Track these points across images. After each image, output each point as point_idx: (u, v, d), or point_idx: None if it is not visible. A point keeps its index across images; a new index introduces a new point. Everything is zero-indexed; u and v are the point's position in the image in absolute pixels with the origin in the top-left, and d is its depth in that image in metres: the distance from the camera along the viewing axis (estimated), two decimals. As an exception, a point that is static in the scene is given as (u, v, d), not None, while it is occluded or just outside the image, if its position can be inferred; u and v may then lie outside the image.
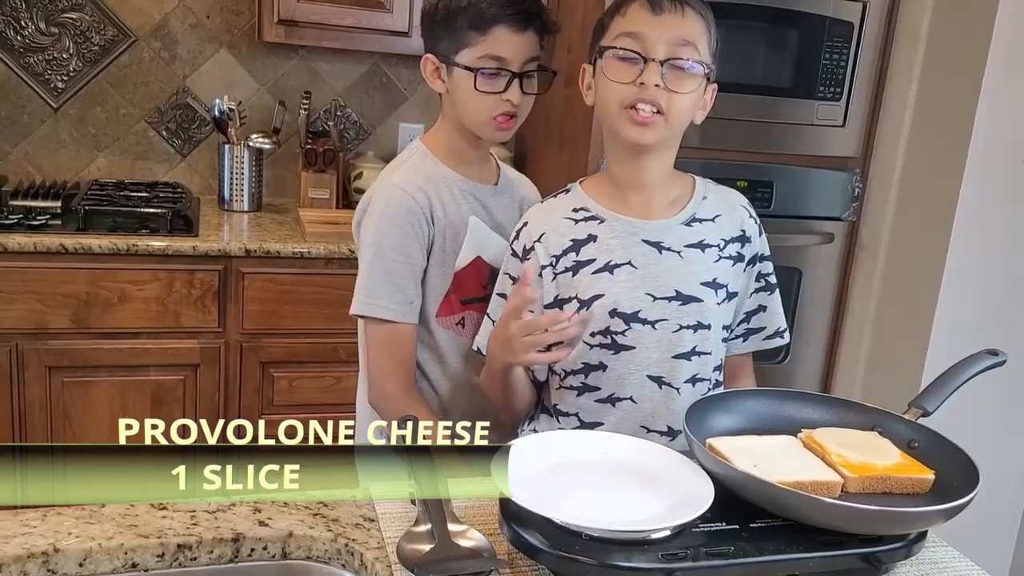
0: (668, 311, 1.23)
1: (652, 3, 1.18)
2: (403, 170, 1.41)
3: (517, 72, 1.32)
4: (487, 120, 1.34)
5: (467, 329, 1.45)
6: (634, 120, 1.17)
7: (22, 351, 2.06)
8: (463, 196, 1.42)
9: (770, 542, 0.91)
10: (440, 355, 1.44)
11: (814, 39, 2.34)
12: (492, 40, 1.31)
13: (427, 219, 1.37)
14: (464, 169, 1.43)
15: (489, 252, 1.44)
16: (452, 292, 1.42)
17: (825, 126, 2.42)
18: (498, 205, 1.46)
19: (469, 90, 1.32)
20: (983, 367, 1.18)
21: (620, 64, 1.18)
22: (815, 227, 2.50)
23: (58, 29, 2.44)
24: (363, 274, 1.38)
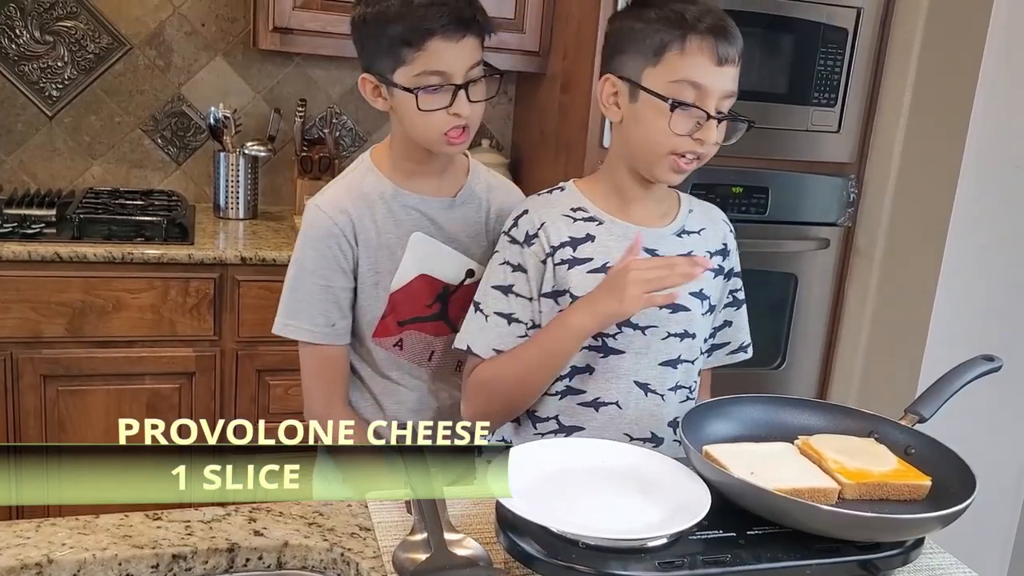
0: (658, 318, 1.24)
1: (720, 54, 1.14)
2: (333, 189, 1.36)
3: (461, 84, 1.24)
4: (437, 137, 1.27)
5: (406, 351, 1.39)
6: (678, 167, 1.18)
7: (17, 360, 2.05)
8: (405, 212, 1.35)
9: (767, 549, 0.91)
10: (381, 371, 1.40)
11: (809, 45, 2.35)
12: (428, 54, 1.22)
13: (349, 242, 1.32)
14: (414, 183, 1.35)
15: (440, 268, 1.37)
16: (388, 313, 1.37)
17: (820, 132, 2.43)
18: (453, 218, 1.38)
19: (412, 110, 1.24)
20: (979, 373, 1.18)
21: (684, 117, 1.15)
22: (810, 232, 2.51)
23: (53, 37, 2.44)
24: (284, 294, 1.35)
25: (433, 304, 1.38)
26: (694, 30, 1.14)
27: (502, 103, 2.85)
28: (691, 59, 1.14)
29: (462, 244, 1.38)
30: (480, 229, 1.40)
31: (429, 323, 1.39)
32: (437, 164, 1.36)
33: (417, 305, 1.37)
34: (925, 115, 2.34)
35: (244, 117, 2.58)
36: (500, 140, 2.86)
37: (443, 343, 1.40)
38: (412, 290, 1.36)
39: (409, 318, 1.38)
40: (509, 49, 2.49)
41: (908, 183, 2.40)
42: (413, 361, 1.40)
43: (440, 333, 1.40)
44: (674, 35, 1.14)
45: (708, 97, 1.15)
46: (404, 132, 1.32)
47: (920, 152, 2.36)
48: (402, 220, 1.35)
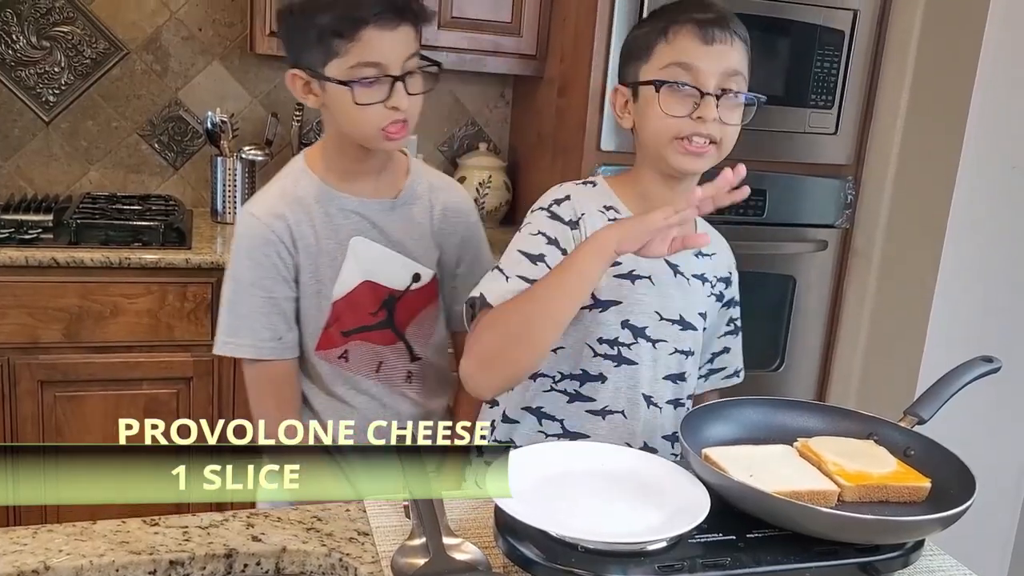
0: (669, 333, 1.25)
1: (703, 32, 1.14)
2: (266, 194, 1.29)
3: (398, 75, 1.18)
4: (375, 133, 1.21)
5: (352, 362, 1.32)
6: (687, 150, 1.16)
7: (14, 366, 2.05)
8: (344, 216, 1.28)
9: (767, 552, 0.90)
10: (325, 387, 1.33)
11: (805, 47, 2.35)
12: (362, 45, 1.15)
13: (288, 248, 1.25)
14: (351, 185, 1.29)
15: (384, 273, 1.31)
16: (332, 323, 1.30)
17: (817, 134, 2.43)
18: (395, 221, 1.31)
19: (348, 105, 1.18)
20: (978, 374, 1.18)
21: (674, 97, 1.15)
22: (808, 234, 2.51)
23: (49, 43, 2.44)
24: (223, 311, 1.28)
25: (379, 312, 1.32)
26: (678, 20, 1.16)
27: (499, 106, 2.85)
28: (678, 43, 1.16)
29: (406, 247, 1.32)
30: (425, 231, 1.34)
31: (375, 332, 1.33)
32: (374, 163, 1.30)
33: (362, 313, 1.31)
34: (922, 116, 2.35)
35: (241, 121, 2.57)
36: (497, 144, 2.86)
37: (392, 352, 1.35)
38: (356, 298, 1.30)
39: (354, 328, 1.31)
40: (506, 52, 2.49)
41: (906, 184, 2.40)
42: (360, 373, 1.34)
43: (388, 342, 1.34)
44: (659, 28, 1.17)
45: (703, 76, 1.15)
46: (339, 130, 1.25)
47: (917, 153, 2.36)
48: (341, 225, 1.28)
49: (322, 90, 1.21)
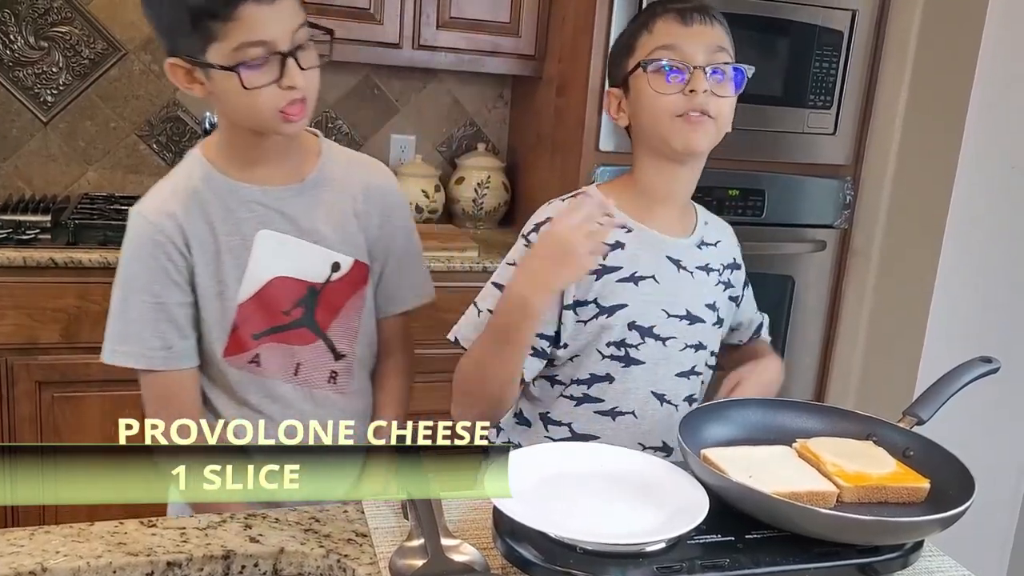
0: (678, 329, 1.25)
1: (682, 15, 1.17)
2: (156, 191, 1.20)
3: (288, 51, 1.08)
4: (271, 116, 1.11)
5: (265, 366, 1.22)
6: (689, 122, 1.16)
7: (12, 366, 2.04)
8: (247, 208, 1.18)
9: (766, 553, 0.90)
10: (236, 395, 1.23)
11: (804, 48, 2.35)
12: (242, 24, 1.05)
13: (180, 250, 1.16)
14: (251, 173, 1.19)
15: (299, 266, 1.21)
16: (239, 326, 1.20)
17: (816, 134, 2.43)
18: (305, 207, 1.21)
19: (237, 91, 1.08)
20: (977, 374, 1.18)
21: (663, 76, 1.17)
22: (807, 235, 2.51)
23: (47, 43, 2.44)
24: (110, 317, 1.19)
25: (294, 310, 1.22)
26: (655, 13, 1.20)
27: (498, 106, 2.85)
28: (659, 31, 1.19)
29: (321, 235, 1.22)
30: (345, 214, 1.24)
31: (291, 331, 1.23)
32: (275, 147, 1.20)
33: (274, 313, 1.22)
34: (921, 116, 2.35)
35: (240, 122, 2.57)
36: (496, 144, 2.86)
37: (311, 352, 1.25)
38: (266, 296, 1.20)
39: (265, 329, 1.22)
40: (505, 53, 2.49)
41: (905, 185, 2.40)
42: (275, 377, 1.24)
43: (306, 342, 1.24)
44: (640, 23, 1.21)
45: (688, 54, 1.17)
46: (231, 118, 1.16)
47: (916, 154, 2.36)
48: (244, 218, 1.18)
49: (207, 78, 1.11)
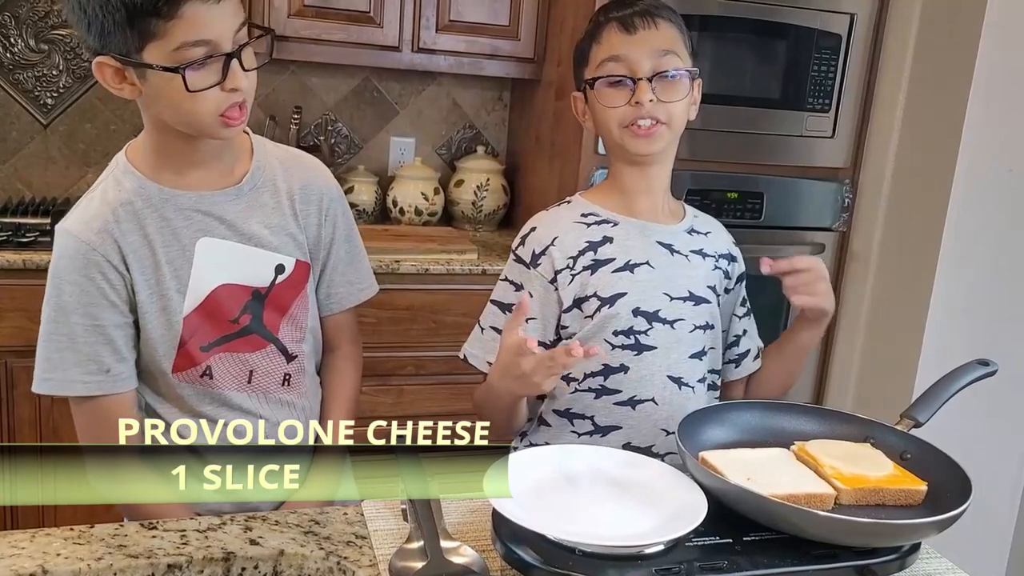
0: (684, 311, 1.27)
1: (624, 24, 1.21)
2: (84, 205, 1.13)
3: (232, 52, 1.03)
4: (212, 120, 1.06)
5: (217, 378, 1.18)
6: (637, 135, 1.22)
7: (11, 369, 2.04)
8: (183, 217, 1.13)
9: (764, 555, 0.91)
10: (189, 407, 1.18)
11: (803, 51, 2.35)
12: (185, 22, 0.99)
13: (116, 267, 1.10)
14: (185, 179, 1.14)
15: (242, 272, 1.17)
16: (186, 340, 1.15)
17: (815, 137, 2.43)
18: (244, 210, 1.17)
19: (178, 93, 1.02)
20: (974, 377, 1.18)
21: (611, 90, 1.22)
22: (806, 237, 2.51)
23: (48, 46, 2.44)
24: (41, 344, 1.12)
25: (241, 316, 1.18)
26: (599, 22, 1.24)
27: (497, 109, 2.86)
28: (604, 41, 1.23)
29: (263, 238, 1.18)
30: (283, 215, 1.20)
31: (239, 339, 1.19)
32: (209, 150, 1.14)
33: (220, 322, 1.17)
34: (919, 119, 2.35)
35: (239, 125, 2.57)
36: (495, 146, 2.86)
37: (262, 358, 1.21)
38: (211, 306, 1.16)
39: (213, 340, 1.17)
40: (504, 56, 2.50)
41: (903, 187, 2.41)
42: (229, 388, 1.20)
43: (256, 348, 1.20)
44: (588, 35, 1.26)
45: (633, 64, 1.20)
46: (162, 121, 1.10)
47: (914, 156, 2.37)
48: (181, 227, 1.13)
49: (140, 79, 1.05)
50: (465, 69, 2.51)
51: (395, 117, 2.77)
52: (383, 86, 2.74)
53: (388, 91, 2.75)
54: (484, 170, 2.70)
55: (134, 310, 1.14)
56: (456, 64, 2.48)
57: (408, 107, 2.77)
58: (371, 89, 2.73)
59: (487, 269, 2.28)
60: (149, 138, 1.14)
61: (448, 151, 2.84)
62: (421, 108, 2.78)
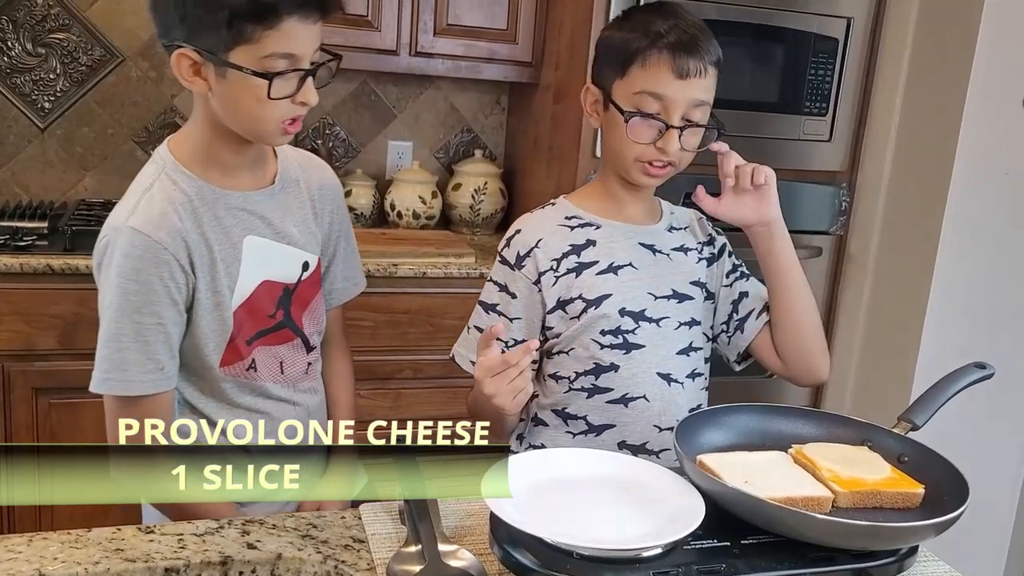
0: (668, 309, 1.28)
1: (679, 67, 1.18)
2: (147, 204, 1.14)
3: (310, 69, 1.11)
4: (275, 128, 1.12)
5: (260, 371, 1.23)
6: (647, 172, 1.23)
7: (8, 373, 2.04)
8: (232, 216, 1.17)
9: (762, 559, 0.91)
10: (229, 400, 1.22)
11: (800, 55, 2.36)
12: (280, 35, 1.06)
13: (183, 267, 1.13)
14: (232, 179, 1.18)
15: (277, 269, 1.22)
16: (235, 335, 1.19)
17: (812, 141, 2.44)
18: (278, 209, 1.22)
19: (255, 98, 1.08)
20: (971, 380, 1.18)
21: (641, 124, 1.20)
22: (803, 241, 2.51)
23: (45, 49, 2.44)
24: (105, 341, 1.12)
25: (276, 312, 1.24)
26: (655, 44, 1.18)
27: (495, 113, 2.86)
28: (652, 72, 1.18)
29: (292, 236, 1.24)
30: (307, 214, 1.27)
31: (275, 333, 1.24)
32: (255, 154, 1.20)
33: (260, 317, 1.22)
34: (916, 123, 2.36)
35: (237, 128, 2.58)
36: (493, 150, 2.86)
37: (290, 350, 1.27)
38: (255, 302, 1.20)
39: (255, 334, 1.22)
40: (502, 59, 2.50)
41: (900, 191, 2.41)
42: (267, 380, 1.25)
43: (286, 340, 1.27)
44: (638, 49, 1.19)
45: (671, 107, 1.19)
46: (217, 120, 1.13)
47: (911, 160, 2.37)
48: (231, 226, 1.18)
49: (218, 77, 1.09)
50: (463, 73, 2.51)
51: (393, 121, 2.77)
52: (381, 90, 2.74)
53: (386, 95, 2.75)
54: (482, 174, 2.70)
55: (189, 308, 1.17)
56: (454, 68, 2.49)
57: (406, 111, 2.77)
58: (369, 93, 2.73)
59: (485, 272, 2.27)
60: (199, 136, 1.17)
61: (446, 155, 2.84)
62: (419, 112, 2.78)
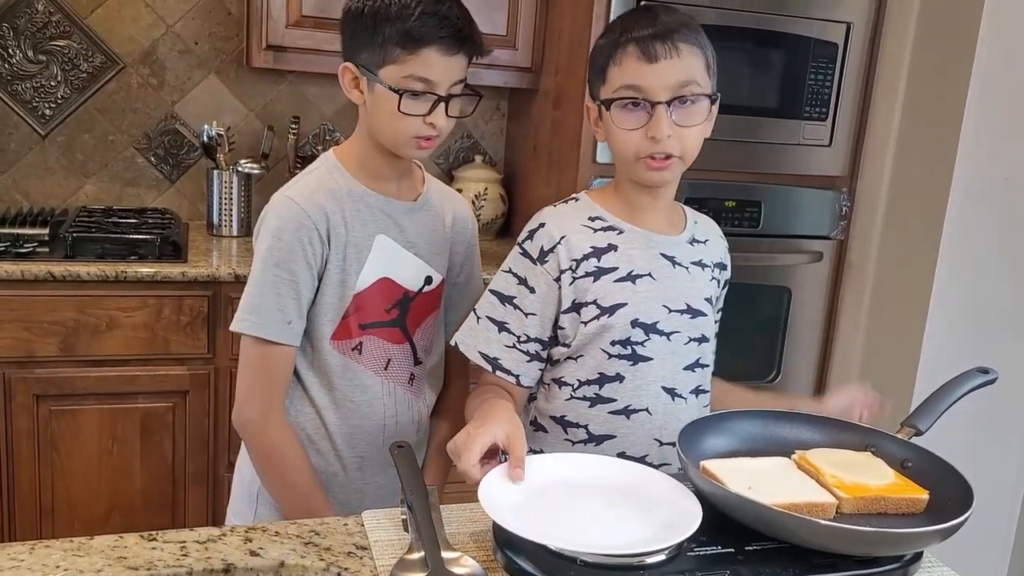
0: (680, 323, 1.26)
1: (645, 52, 1.17)
2: (304, 183, 1.33)
3: (444, 96, 1.26)
4: (407, 140, 1.28)
5: (365, 355, 1.35)
6: (650, 167, 1.21)
7: (9, 380, 2.04)
8: (371, 213, 1.33)
9: (766, 565, 0.90)
10: (330, 381, 1.35)
11: (799, 60, 2.36)
12: (420, 61, 1.23)
13: (321, 237, 1.29)
14: (378, 184, 1.35)
15: (400, 272, 1.36)
16: (351, 314, 1.33)
17: (812, 145, 2.44)
18: (415, 223, 1.38)
19: (391, 110, 1.25)
20: (974, 385, 1.18)
21: (627, 113, 1.19)
22: (803, 246, 2.52)
23: (46, 56, 2.44)
24: (247, 289, 1.30)
25: (392, 309, 1.36)
26: (623, 41, 1.19)
27: (495, 118, 2.86)
28: (624, 66, 1.19)
29: (421, 250, 1.38)
30: (439, 236, 1.41)
31: (387, 329, 1.36)
32: (400, 167, 1.36)
33: (378, 309, 1.35)
34: (916, 128, 2.36)
35: (237, 135, 2.58)
36: (493, 156, 2.87)
37: (399, 352, 1.38)
38: (375, 293, 1.34)
39: (370, 321, 1.35)
40: (502, 65, 2.50)
41: (900, 195, 2.41)
42: (370, 368, 1.36)
43: (396, 341, 1.38)
44: (608, 50, 1.21)
45: (651, 93, 1.17)
46: (370, 130, 1.31)
47: (911, 165, 2.37)
48: (368, 220, 1.33)
49: (369, 89, 1.27)
50: (463, 79, 2.52)
51: (393, 127, 2.77)
52: (381, 96, 2.74)
53: (386, 101, 2.75)
54: (482, 179, 2.70)
55: (320, 279, 1.31)
56: (454, 74, 2.49)
57: (406, 117, 2.77)
58: (369, 99, 2.73)
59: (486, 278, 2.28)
60: (358, 145, 1.35)
61: (446, 160, 2.84)
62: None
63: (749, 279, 2.41)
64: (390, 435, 1.37)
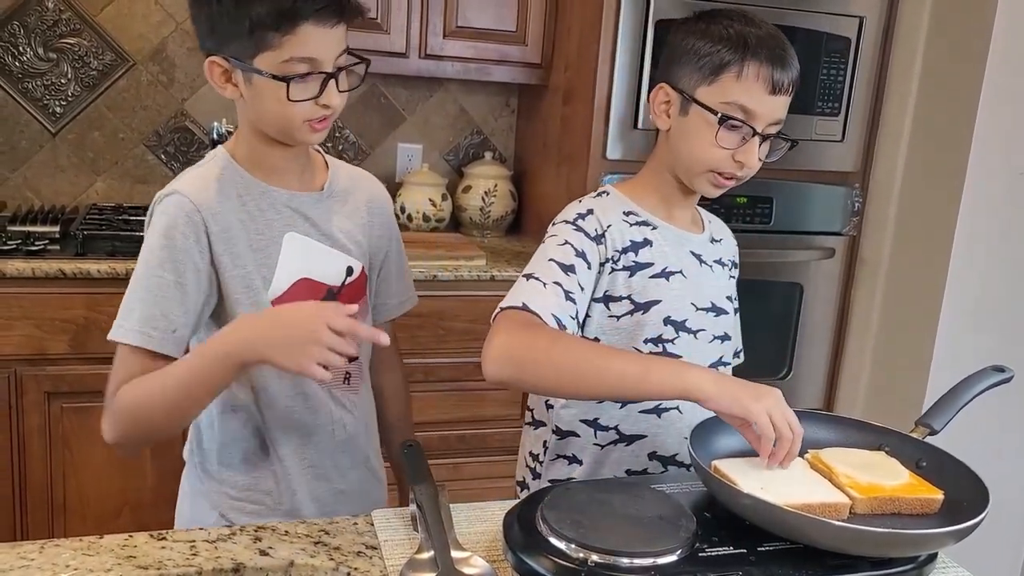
0: (706, 322, 1.27)
1: (771, 81, 1.15)
2: (189, 177, 1.20)
3: (332, 72, 1.14)
4: (299, 126, 1.16)
5: None
6: (717, 183, 1.21)
7: (20, 377, 2.05)
8: (276, 211, 1.22)
9: (779, 566, 0.89)
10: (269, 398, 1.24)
11: (811, 55, 2.35)
12: (299, 40, 1.10)
13: (209, 235, 1.16)
14: (278, 179, 1.23)
15: (319, 269, 1.25)
16: None
17: (824, 141, 2.42)
18: (325, 213, 1.27)
19: (277, 99, 1.13)
20: (990, 384, 1.17)
21: (731, 133, 1.17)
22: (815, 242, 2.50)
23: (56, 54, 2.45)
24: (127, 294, 1.17)
25: None
26: (753, 56, 1.16)
27: (505, 115, 2.85)
28: (746, 84, 1.16)
29: (337, 241, 1.28)
30: (354, 223, 1.31)
31: None
32: (298, 157, 1.26)
33: None
34: (929, 123, 2.34)
35: (247, 132, 2.58)
36: (503, 152, 2.86)
37: None
38: (294, 296, 1.23)
39: None
40: (511, 62, 2.50)
41: (913, 191, 2.39)
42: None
43: None
44: (733, 58, 1.16)
45: (756, 122, 1.17)
46: (255, 126, 1.21)
47: (924, 160, 2.35)
48: (273, 219, 1.22)
49: (246, 81, 1.15)
50: (472, 75, 2.51)
51: (402, 123, 2.77)
52: (390, 92, 2.74)
53: (395, 97, 2.75)
54: (492, 176, 2.69)
55: (217, 289, 1.19)
56: (463, 70, 2.48)
57: (415, 113, 2.77)
58: (378, 95, 2.73)
59: (495, 275, 2.28)
60: (246, 140, 1.23)
61: (456, 157, 2.84)
62: (428, 114, 2.78)
63: (761, 275, 2.40)
64: (340, 439, 1.30)
